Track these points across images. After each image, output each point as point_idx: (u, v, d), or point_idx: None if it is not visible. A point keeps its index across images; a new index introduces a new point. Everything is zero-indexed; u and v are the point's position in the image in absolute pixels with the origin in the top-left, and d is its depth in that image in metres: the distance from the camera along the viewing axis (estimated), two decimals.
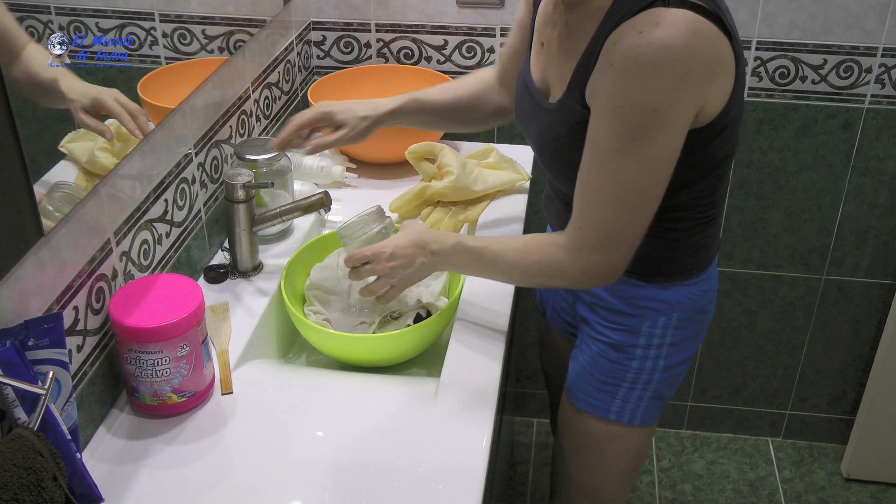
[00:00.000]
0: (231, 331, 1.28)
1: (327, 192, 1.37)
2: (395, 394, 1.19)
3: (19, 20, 1.00)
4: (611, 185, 1.06)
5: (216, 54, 1.44)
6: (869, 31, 1.78)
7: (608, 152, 1.05)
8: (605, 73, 1.02)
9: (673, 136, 1.03)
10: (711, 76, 1.02)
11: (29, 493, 0.81)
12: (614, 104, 1.02)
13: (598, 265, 1.12)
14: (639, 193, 1.07)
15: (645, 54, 0.97)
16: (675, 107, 1.01)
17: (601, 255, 1.11)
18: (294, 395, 1.19)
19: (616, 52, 1.00)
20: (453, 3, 1.84)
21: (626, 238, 1.10)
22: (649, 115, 1.00)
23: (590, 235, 1.10)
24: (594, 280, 1.14)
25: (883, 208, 1.99)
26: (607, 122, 1.03)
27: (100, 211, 1.09)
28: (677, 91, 1.00)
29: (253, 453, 1.09)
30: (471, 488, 1.03)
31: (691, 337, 1.29)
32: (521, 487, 2.24)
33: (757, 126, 1.92)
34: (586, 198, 1.10)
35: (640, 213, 1.08)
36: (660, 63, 0.97)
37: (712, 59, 1.01)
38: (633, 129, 1.02)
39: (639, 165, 1.04)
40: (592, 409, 1.32)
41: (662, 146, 1.03)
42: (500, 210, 1.61)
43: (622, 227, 1.09)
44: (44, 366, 0.92)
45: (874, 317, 2.14)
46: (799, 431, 2.36)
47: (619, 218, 1.08)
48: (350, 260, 1.25)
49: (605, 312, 1.28)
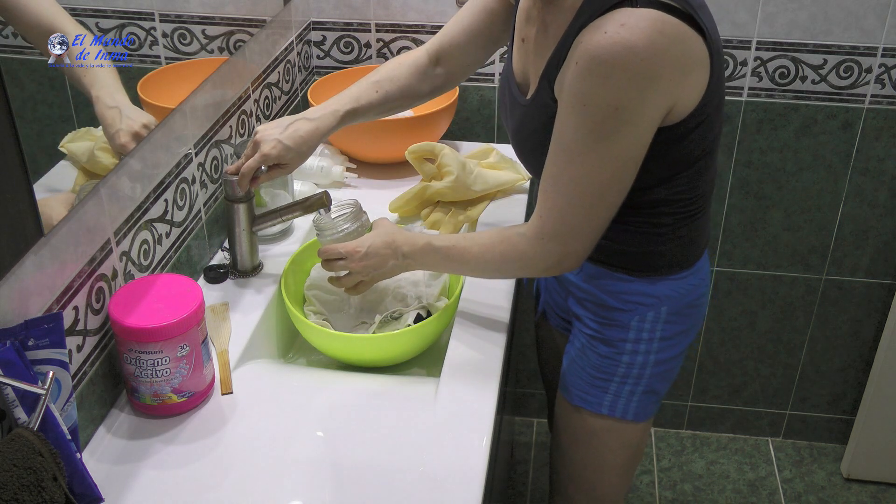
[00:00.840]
0: (231, 331, 1.28)
1: (327, 192, 1.37)
2: (395, 394, 1.19)
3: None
4: (573, 179, 1.08)
5: (216, 54, 1.44)
6: (869, 31, 1.78)
7: (572, 147, 1.07)
8: (570, 70, 1.04)
9: (638, 135, 1.05)
10: (681, 75, 1.03)
11: (29, 493, 0.81)
12: (578, 101, 1.03)
13: (559, 254, 1.15)
14: (600, 188, 1.09)
15: (609, 54, 0.98)
16: (640, 107, 1.02)
17: (562, 244, 1.14)
18: (294, 395, 1.19)
19: (581, 52, 1.01)
20: (453, 3, 1.83)
21: (586, 229, 1.13)
22: (612, 114, 1.02)
23: (551, 225, 1.13)
24: (556, 268, 1.17)
25: (883, 208, 1.99)
26: (572, 119, 1.05)
27: (100, 211, 1.09)
28: (642, 91, 1.00)
29: (253, 453, 1.09)
30: (471, 488, 1.03)
31: (683, 332, 1.30)
32: (521, 487, 2.24)
33: (757, 126, 1.92)
34: (549, 189, 1.12)
35: (601, 206, 1.11)
36: (624, 64, 0.98)
37: (680, 58, 1.02)
38: (596, 127, 1.03)
39: (602, 162, 1.06)
40: (585, 403, 1.33)
41: (626, 144, 1.05)
42: (500, 210, 1.61)
43: (582, 220, 1.12)
44: (44, 366, 0.92)
45: (874, 317, 2.14)
46: (799, 431, 2.36)
47: (580, 211, 1.11)
48: (324, 253, 1.28)
49: (595, 307, 1.29)
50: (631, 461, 1.40)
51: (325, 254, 1.28)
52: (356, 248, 1.25)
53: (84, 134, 1.11)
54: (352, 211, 1.32)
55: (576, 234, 1.13)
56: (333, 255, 1.27)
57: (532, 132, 1.18)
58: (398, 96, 1.40)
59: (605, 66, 0.99)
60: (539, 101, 1.14)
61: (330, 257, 1.28)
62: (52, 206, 1.01)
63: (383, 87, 1.38)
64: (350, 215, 1.31)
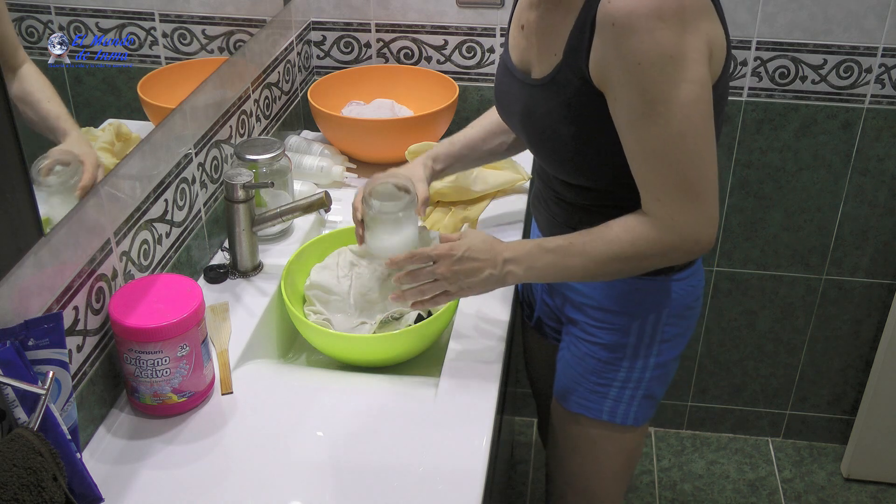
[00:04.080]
0: (231, 331, 1.28)
1: (327, 192, 1.37)
2: (395, 394, 1.19)
3: (19, 20, 1.00)
4: (665, 138, 1.04)
5: (216, 54, 1.44)
6: (869, 31, 1.78)
7: (647, 110, 1.03)
8: (607, 36, 1.02)
9: (700, 74, 1.03)
10: (707, 15, 1.04)
11: (29, 493, 0.81)
12: (632, 62, 1.01)
13: (693, 226, 1.08)
14: (696, 137, 1.05)
15: (644, 7, 0.99)
16: (687, 48, 1.01)
17: (691, 214, 1.07)
18: (294, 395, 1.19)
19: (613, 14, 1.01)
20: (453, 3, 1.84)
21: (706, 186, 1.07)
22: (669, 62, 1.01)
23: (671, 203, 1.07)
24: (697, 244, 1.10)
25: (883, 208, 1.99)
26: (633, 83, 1.02)
27: (100, 211, 1.09)
28: (683, 33, 1.01)
29: (253, 453, 1.09)
30: (471, 488, 1.03)
31: (681, 334, 1.29)
32: (521, 487, 2.24)
33: (757, 126, 1.92)
34: (643, 166, 1.07)
35: (704, 157, 1.06)
36: (659, 12, 0.99)
37: (699, 5, 1.03)
38: (660, 79, 1.01)
39: (684, 109, 1.03)
40: (585, 410, 1.32)
41: (695, 86, 1.03)
42: (500, 210, 1.61)
43: (695, 179, 1.06)
44: (44, 366, 0.92)
45: (874, 317, 2.14)
46: (799, 431, 2.36)
47: (688, 172, 1.06)
48: (412, 258, 1.18)
49: (595, 312, 1.28)
50: (628, 466, 1.39)
51: (415, 259, 1.18)
52: (450, 251, 1.16)
53: (84, 134, 1.11)
54: (408, 199, 1.23)
55: (698, 198, 1.07)
56: (423, 258, 1.18)
57: (546, 113, 1.14)
58: (497, 128, 1.44)
59: (644, 19, 0.99)
60: (559, 80, 1.11)
61: (419, 263, 1.17)
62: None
63: (479, 122, 1.46)
64: (405, 204, 1.22)
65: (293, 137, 1.77)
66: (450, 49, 1.89)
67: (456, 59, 1.90)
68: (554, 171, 1.21)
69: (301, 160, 1.67)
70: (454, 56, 1.90)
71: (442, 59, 1.91)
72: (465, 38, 1.88)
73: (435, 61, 1.91)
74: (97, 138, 1.13)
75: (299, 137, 1.79)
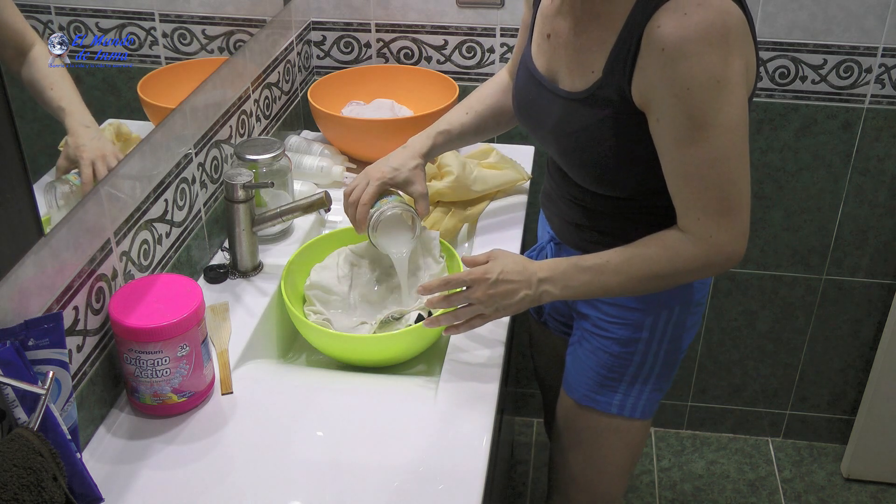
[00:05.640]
0: (231, 331, 1.28)
1: (327, 192, 1.37)
2: (395, 394, 1.19)
3: None
4: (707, 161, 1.07)
5: (216, 54, 1.44)
6: (869, 31, 1.78)
7: (693, 134, 1.06)
8: (655, 60, 1.04)
9: (740, 97, 1.06)
10: (746, 37, 1.06)
11: (29, 493, 0.81)
12: (681, 87, 1.03)
13: (730, 242, 1.11)
14: (737, 159, 1.08)
15: (696, 33, 1.01)
16: (730, 71, 1.04)
17: (728, 232, 1.10)
18: (294, 395, 1.19)
19: (664, 37, 1.02)
20: (453, 3, 1.84)
21: (742, 203, 1.10)
22: (716, 86, 1.03)
23: (709, 221, 1.10)
24: (730, 260, 1.13)
25: (883, 208, 1.99)
26: (680, 106, 1.04)
27: (100, 211, 1.09)
28: (728, 56, 1.03)
29: (253, 453, 1.09)
30: (471, 488, 1.03)
31: (689, 328, 1.31)
32: (521, 487, 2.24)
33: (757, 126, 1.92)
34: (684, 185, 1.10)
35: (742, 176, 1.09)
36: (709, 38, 1.01)
37: (741, 29, 1.05)
38: (707, 103, 1.04)
39: (726, 133, 1.06)
40: (594, 403, 1.33)
41: (736, 108, 1.06)
42: (500, 210, 1.61)
43: (734, 197, 1.09)
44: (44, 366, 0.92)
45: (874, 317, 2.14)
46: (799, 431, 2.36)
47: (728, 191, 1.09)
48: (446, 284, 1.18)
49: (610, 308, 1.29)
50: (631, 459, 1.41)
51: (450, 284, 1.17)
52: (485, 275, 1.15)
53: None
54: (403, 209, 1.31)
55: (733, 216, 1.10)
56: (455, 284, 1.17)
57: (583, 128, 1.15)
58: (489, 114, 1.43)
59: (695, 44, 1.01)
60: (599, 96, 1.12)
61: (455, 287, 1.18)
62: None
63: (473, 108, 1.43)
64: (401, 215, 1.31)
65: (293, 137, 1.77)
66: (450, 49, 1.89)
67: (456, 59, 1.90)
68: (580, 180, 1.22)
69: (301, 160, 1.67)
70: (454, 56, 1.90)
71: (442, 59, 1.91)
72: (465, 38, 1.88)
73: (435, 61, 1.91)
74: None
75: (299, 137, 1.79)
